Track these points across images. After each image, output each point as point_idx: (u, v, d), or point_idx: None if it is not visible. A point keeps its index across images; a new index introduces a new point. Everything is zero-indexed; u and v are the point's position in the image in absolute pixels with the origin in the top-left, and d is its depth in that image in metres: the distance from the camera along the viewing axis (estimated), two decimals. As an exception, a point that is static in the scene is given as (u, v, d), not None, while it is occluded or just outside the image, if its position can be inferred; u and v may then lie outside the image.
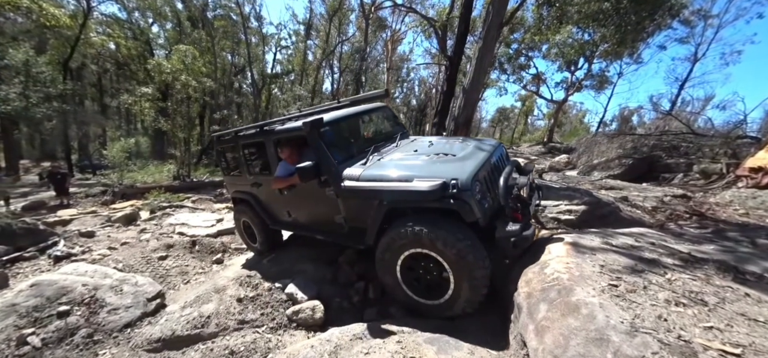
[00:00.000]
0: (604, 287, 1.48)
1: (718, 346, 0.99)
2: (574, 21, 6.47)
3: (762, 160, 5.52)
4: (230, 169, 3.96)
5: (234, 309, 2.81)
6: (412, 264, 2.27)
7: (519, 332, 1.63)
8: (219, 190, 10.17)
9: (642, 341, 1.06)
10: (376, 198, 2.37)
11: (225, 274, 3.82)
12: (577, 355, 1.18)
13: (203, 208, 7.91)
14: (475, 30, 9.81)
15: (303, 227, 3.27)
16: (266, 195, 3.47)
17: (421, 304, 2.31)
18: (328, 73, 18.47)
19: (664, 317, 1.20)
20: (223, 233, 5.43)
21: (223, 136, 3.88)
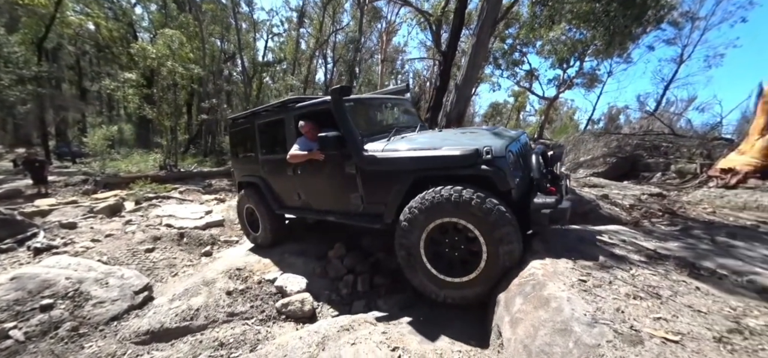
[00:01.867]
0: (573, 282, 1.60)
1: (662, 334, 1.11)
2: (567, 20, 6.59)
3: (732, 161, 5.86)
4: (241, 151, 3.96)
5: (223, 302, 2.85)
6: (438, 238, 2.09)
7: (496, 323, 1.75)
8: (208, 181, 10.01)
9: (599, 331, 1.18)
10: (401, 167, 2.28)
11: (214, 267, 3.83)
12: (544, 344, 1.29)
13: (191, 199, 7.79)
14: (471, 23, 9.82)
15: (313, 210, 3.17)
16: (277, 176, 3.41)
17: (444, 282, 2.09)
18: (322, 63, 18.22)
19: (622, 309, 1.32)
20: (212, 225, 5.40)
21: (237, 118, 3.95)
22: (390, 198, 2.34)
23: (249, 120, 3.69)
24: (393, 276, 3.22)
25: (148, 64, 10.10)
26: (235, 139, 4.10)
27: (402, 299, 2.76)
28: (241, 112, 4.62)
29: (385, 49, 15.93)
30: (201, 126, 13.72)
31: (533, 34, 9.78)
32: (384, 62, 15.43)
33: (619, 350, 1.08)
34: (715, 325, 1.18)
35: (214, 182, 10.12)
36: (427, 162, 2.19)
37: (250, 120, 3.65)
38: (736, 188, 5.26)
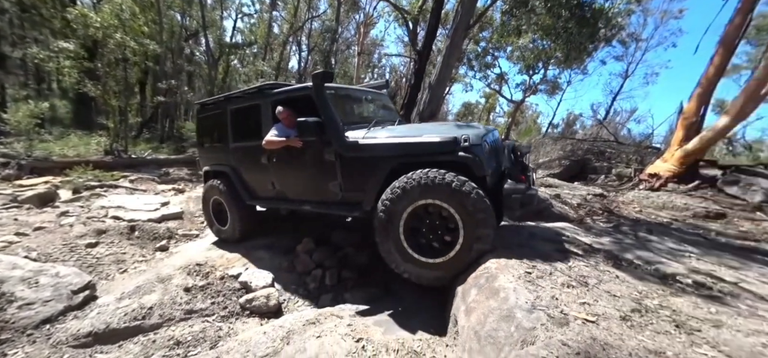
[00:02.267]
0: (521, 274, 1.79)
1: (584, 316, 1.32)
2: (532, 31, 7.08)
3: (657, 167, 6.82)
4: (210, 139, 3.79)
5: (181, 299, 2.70)
6: (416, 222, 2.15)
7: (453, 313, 1.90)
8: (164, 169, 9.18)
9: (536, 316, 1.35)
10: (382, 153, 2.35)
11: (171, 262, 3.59)
12: (491, 329, 1.45)
13: (144, 189, 7.11)
14: (447, 23, 10.08)
15: (288, 200, 3.10)
16: (250, 165, 3.28)
17: (421, 263, 2.14)
18: (296, 51, 17.38)
19: (556, 296, 1.52)
20: (168, 217, 5.01)
21: (207, 103, 3.80)
22: (369, 185, 2.37)
23: (220, 106, 3.53)
24: (361, 271, 3.29)
25: (91, 34, 8.86)
26: (203, 125, 3.88)
27: (369, 293, 2.84)
28: (206, 96, 4.34)
29: (362, 42, 15.72)
30: (157, 108, 12.43)
31: (504, 40, 10.33)
32: (361, 55, 15.22)
33: (549, 330, 1.25)
34: (624, 306, 1.42)
35: (172, 170, 9.31)
36: (407, 148, 2.28)
37: (222, 106, 3.50)
38: (659, 191, 6.15)
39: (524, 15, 6.38)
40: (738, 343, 1.15)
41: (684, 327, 1.26)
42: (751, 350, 1.11)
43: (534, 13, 6.08)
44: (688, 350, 1.11)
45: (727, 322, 1.34)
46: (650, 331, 1.23)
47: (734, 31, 6.12)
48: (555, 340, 1.19)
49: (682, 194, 5.91)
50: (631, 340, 1.16)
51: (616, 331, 1.23)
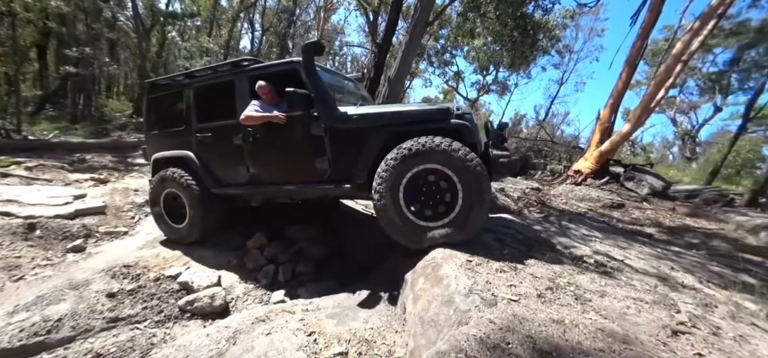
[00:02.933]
0: (463, 262, 1.98)
1: (509, 296, 1.54)
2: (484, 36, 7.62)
3: (580, 165, 8.05)
4: (163, 124, 3.39)
5: (102, 306, 2.36)
6: (413, 189, 2.17)
7: (403, 301, 2.02)
8: (79, 155, 7.68)
9: (471, 299, 1.53)
10: (377, 123, 2.37)
11: (89, 264, 3.10)
12: (434, 314, 1.59)
13: (49, 178, 5.89)
14: (408, 17, 10.21)
15: (266, 183, 2.86)
16: (219, 149, 2.99)
17: (423, 228, 2.16)
18: (247, 29, 15.75)
19: (490, 281, 1.74)
20: (85, 212, 4.26)
21: (161, 82, 3.40)
22: (362, 158, 2.37)
23: (179, 84, 3.20)
24: (317, 264, 3.26)
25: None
26: (154, 108, 3.46)
27: (324, 286, 2.85)
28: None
29: (323, 27, 15.00)
30: (65, 80, 10.20)
31: (460, 40, 10.91)
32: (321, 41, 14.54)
33: (481, 311, 1.43)
34: (541, 286, 1.69)
35: (89, 156, 7.84)
36: (402, 117, 2.37)
37: (182, 84, 3.18)
38: (581, 185, 7.28)
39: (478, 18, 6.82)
40: (613, 307, 1.48)
41: (581, 299, 1.56)
42: (620, 312, 1.44)
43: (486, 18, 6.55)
44: (580, 316, 1.38)
45: (609, 292, 1.69)
46: (557, 305, 1.50)
47: (636, 54, 7.44)
48: (484, 319, 1.37)
49: (596, 188, 7.09)
50: (542, 313, 1.40)
51: (533, 307, 1.46)
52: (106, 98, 13.19)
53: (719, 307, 1.63)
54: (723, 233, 5.17)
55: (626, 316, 1.41)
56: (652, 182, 7.42)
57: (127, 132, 10.10)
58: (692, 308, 1.54)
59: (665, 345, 1.20)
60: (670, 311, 1.46)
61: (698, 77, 15.39)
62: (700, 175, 12.02)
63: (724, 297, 2.08)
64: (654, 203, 6.76)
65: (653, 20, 7.18)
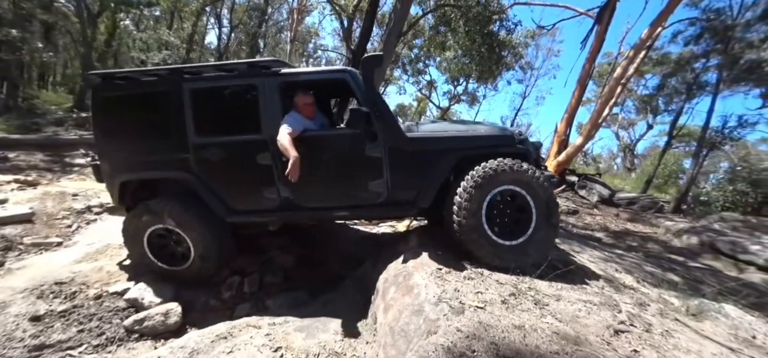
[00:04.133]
0: (433, 271, 2.03)
1: (476, 304, 1.61)
2: (454, 49, 8.03)
3: (540, 174, 8.75)
4: (132, 133, 2.54)
5: (24, 333, 2.04)
6: (492, 210, 2.20)
7: (374, 311, 2.01)
8: (1, 153, 6.58)
9: (440, 308, 1.57)
10: (449, 146, 2.33)
11: (7, 283, 2.66)
12: (404, 323, 1.60)
13: (-43, 180, 4.95)
14: (383, 24, 10.39)
15: (305, 209, 2.46)
16: (234, 168, 2.45)
17: (505, 247, 2.17)
18: (214, 24, 14.82)
19: (458, 289, 1.80)
20: (5, 221, 3.64)
21: (120, 75, 2.50)
22: (430, 180, 2.32)
23: (163, 81, 2.47)
24: (286, 274, 3.12)
25: None
26: (113, 111, 2.54)
27: (294, 298, 2.73)
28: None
29: (296, 28, 14.64)
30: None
31: (433, 51, 11.36)
32: (294, 42, 14.12)
33: (449, 320, 1.47)
34: (505, 292, 1.79)
35: (13, 155, 6.76)
36: (474, 141, 2.40)
37: (167, 81, 2.46)
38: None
39: (449, 32, 7.18)
40: (567, 310, 1.61)
41: (539, 303, 1.68)
42: (572, 315, 1.57)
43: (456, 33, 6.91)
44: (539, 321, 1.49)
45: (564, 295, 1.84)
46: (519, 310, 1.59)
47: (585, 75, 8.34)
48: (452, 327, 1.41)
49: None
50: (505, 319, 1.48)
51: (497, 313, 1.54)
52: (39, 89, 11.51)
53: (651, 305, 1.86)
54: (655, 236, 5.95)
55: (578, 318, 1.54)
56: (600, 190, 8.30)
57: (66, 128, 8.89)
58: (630, 307, 1.73)
59: (609, 344, 1.34)
60: (613, 312, 1.63)
61: (634, 98, 17.66)
62: (638, 184, 13.72)
63: (656, 295, 2.37)
64: (602, 209, 7.55)
65: (599, 46, 8.12)
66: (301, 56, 17.51)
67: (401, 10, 5.76)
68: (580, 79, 8.40)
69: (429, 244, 2.56)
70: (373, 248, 3.35)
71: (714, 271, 4.09)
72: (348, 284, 2.74)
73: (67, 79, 13.20)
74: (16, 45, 8.40)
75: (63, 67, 13.82)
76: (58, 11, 10.17)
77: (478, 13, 5.99)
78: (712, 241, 5.12)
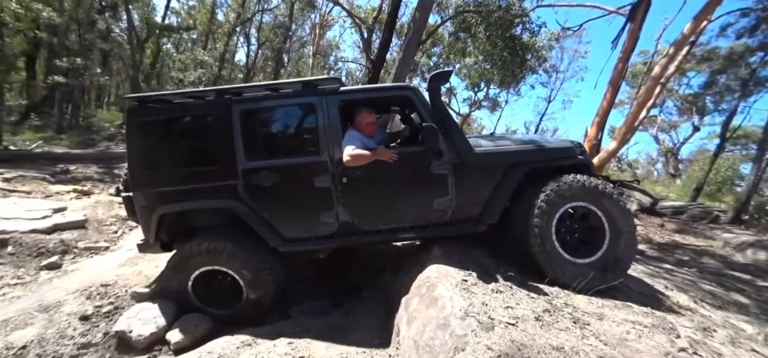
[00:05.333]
0: (458, 282, 1.93)
1: (507, 319, 1.49)
2: (475, 55, 7.90)
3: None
4: (173, 161, 2.34)
5: (73, 331, 2.20)
6: (561, 225, 2.18)
7: (397, 323, 1.94)
8: (62, 166, 7.42)
9: (468, 323, 1.47)
10: (517, 160, 2.31)
11: (63, 284, 2.92)
12: (429, 338, 1.52)
13: (28, 190, 5.64)
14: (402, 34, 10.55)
15: (365, 232, 2.34)
16: (286, 196, 2.27)
17: (579, 266, 2.11)
18: (243, 43, 15.95)
19: (486, 302, 1.69)
20: (64, 226, 4.06)
21: (155, 99, 2.31)
22: (497, 196, 2.28)
23: (207, 104, 2.31)
24: (308, 283, 3.14)
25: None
26: (151, 137, 2.31)
27: (316, 306, 2.73)
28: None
29: (318, 43, 15.29)
30: (52, 90, 9.99)
31: (452, 58, 11.29)
32: (316, 56, 14.75)
33: (477, 336, 1.38)
34: (538, 307, 1.65)
35: (73, 167, 7.59)
36: (539, 155, 2.39)
37: (211, 104, 2.30)
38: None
39: (469, 38, 7.08)
40: (613, 332, 1.45)
41: (579, 322, 1.53)
42: (619, 337, 1.41)
43: (476, 39, 6.80)
44: (580, 342, 1.34)
45: (607, 313, 1.66)
46: (555, 329, 1.46)
47: (618, 76, 7.78)
48: (482, 345, 1.31)
49: (586, 204, 7.21)
50: (541, 339, 1.36)
51: (531, 331, 1.42)
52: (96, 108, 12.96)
53: (718, 331, 1.62)
54: (711, 249, 5.28)
55: (627, 341, 1.37)
56: (640, 198, 7.59)
57: (116, 142, 9.88)
58: (691, 332, 1.52)
59: (667, 373, 1.17)
60: (670, 336, 1.44)
61: (676, 98, 16.19)
62: (685, 191, 12.40)
63: (721, 319, 2.07)
64: (643, 219, 6.89)
65: (632, 45, 7.57)
66: (323, 69, 18.20)
67: (420, 19, 5.81)
68: (612, 80, 7.85)
69: (453, 253, 2.46)
70: (393, 257, 3.29)
71: (790, 292, 3.52)
72: (369, 294, 2.70)
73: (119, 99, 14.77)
74: (80, 71, 9.57)
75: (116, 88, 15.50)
76: (113, 40, 11.47)
77: (499, 18, 5.86)
78: (784, 257, 4.44)
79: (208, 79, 11.40)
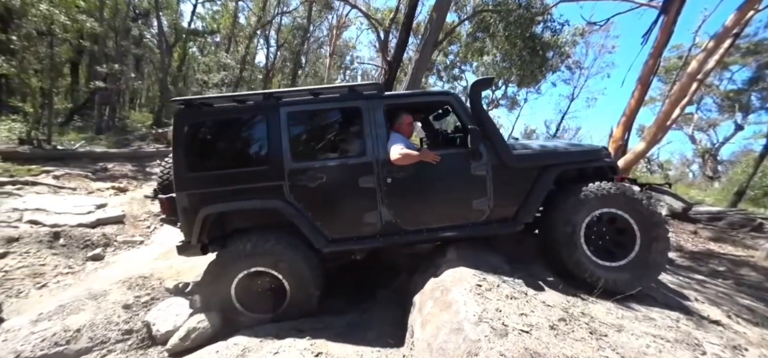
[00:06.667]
0: (472, 287, 1.95)
1: (521, 326, 1.50)
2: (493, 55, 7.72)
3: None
4: (219, 162, 2.36)
5: (118, 317, 2.43)
6: (590, 230, 2.28)
7: (411, 324, 2.00)
8: (102, 164, 8.07)
9: (481, 328, 1.50)
10: (552, 161, 2.45)
11: (107, 274, 3.22)
12: (442, 341, 1.56)
13: (74, 187, 6.20)
14: (419, 33, 10.51)
15: (407, 232, 2.41)
16: (332, 196, 2.32)
17: (606, 269, 2.19)
18: (263, 45, 16.53)
19: (500, 309, 1.70)
20: (105, 221, 4.45)
21: (206, 102, 2.37)
22: (532, 196, 2.39)
23: (255, 107, 2.38)
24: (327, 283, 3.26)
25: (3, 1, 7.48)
26: (199, 139, 2.36)
27: (334, 306, 2.83)
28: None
29: (335, 43, 15.54)
30: (93, 94, 10.87)
31: (470, 57, 11.09)
32: (333, 56, 15.02)
33: (491, 342, 1.40)
34: (553, 316, 1.65)
35: (111, 165, 8.23)
36: (571, 157, 2.53)
37: (259, 107, 2.37)
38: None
39: (487, 37, 6.94)
40: (631, 345, 1.42)
41: (596, 333, 1.51)
42: (638, 351, 1.38)
43: (495, 38, 6.65)
44: (595, 354, 1.34)
45: (627, 326, 1.63)
46: (570, 339, 1.45)
47: (648, 72, 7.31)
48: (495, 351, 1.34)
49: (610, 207, 6.87)
50: (555, 348, 1.36)
51: (545, 340, 1.42)
52: (129, 110, 13.92)
53: (750, 350, 1.54)
54: (752, 260, 4.89)
55: (646, 356, 1.35)
56: (671, 203, 7.14)
57: (147, 142, 10.58)
58: (719, 349, 1.46)
59: (688, 390, 1.15)
60: (694, 353, 1.39)
61: (715, 95, 14.96)
62: (724, 195, 11.49)
63: (757, 336, 1.95)
64: (674, 225, 6.48)
65: (665, 39, 7.09)
66: (339, 69, 18.46)
67: (437, 19, 5.77)
68: (642, 77, 7.39)
69: (468, 257, 2.47)
70: (409, 258, 3.33)
71: (842, 309, 3.21)
72: (385, 294, 2.76)
73: (149, 100, 15.80)
74: (117, 76, 10.33)
75: (147, 91, 16.58)
76: (145, 45, 12.27)
77: (519, 17, 5.69)
78: (837, 270, 4.04)
79: (231, 82, 11.93)
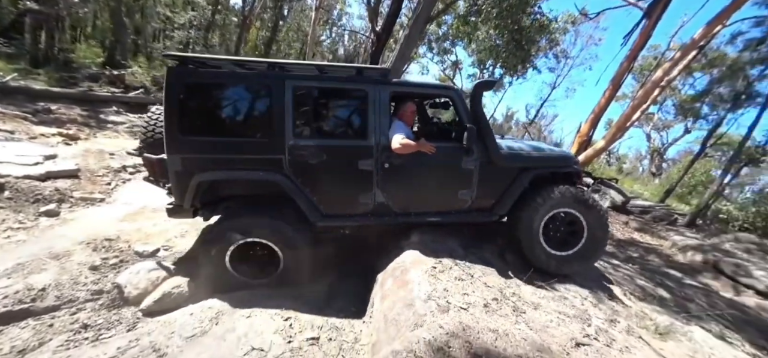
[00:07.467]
0: (428, 268, 2.25)
1: (461, 304, 1.83)
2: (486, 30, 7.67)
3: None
4: (216, 129, 2.31)
5: (86, 279, 2.46)
6: (550, 224, 2.69)
7: (372, 298, 2.29)
8: (43, 104, 7.13)
9: (429, 304, 1.81)
10: (530, 164, 2.74)
11: (65, 232, 3.12)
12: (396, 314, 1.86)
13: (10, 130, 5.52)
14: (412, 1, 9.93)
15: (396, 214, 2.60)
16: (331, 174, 2.40)
17: (556, 256, 2.67)
18: (239, -15, 14.48)
19: (447, 288, 2.02)
20: (57, 175, 4.14)
21: (210, 63, 2.31)
22: (510, 192, 2.69)
23: (262, 76, 2.33)
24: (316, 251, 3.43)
25: None
26: (196, 102, 2.24)
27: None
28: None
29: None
30: (23, 16, 9.15)
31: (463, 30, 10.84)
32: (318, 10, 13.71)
33: (434, 316, 1.71)
34: (489, 296, 2.00)
35: (56, 107, 7.32)
36: (547, 161, 2.87)
37: (267, 77, 2.30)
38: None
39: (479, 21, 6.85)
40: (541, 320, 1.82)
41: (518, 310, 1.89)
42: (544, 324, 1.78)
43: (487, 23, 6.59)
44: (512, 326, 1.70)
45: (543, 304, 2.04)
46: (497, 315, 1.81)
47: (622, 73, 7.80)
48: (436, 324, 1.65)
49: (563, 196, 7.68)
50: (483, 322, 1.70)
51: (477, 315, 1.76)
52: (72, 41, 11.98)
53: (621, 321, 2.03)
54: (660, 249, 5.92)
55: (548, 328, 1.75)
56: (614, 196, 8.13)
57: (99, 84, 9.40)
58: (601, 322, 1.91)
59: (568, 355, 1.55)
60: (583, 325, 1.82)
61: (677, 98, 16.32)
62: (659, 191, 13.19)
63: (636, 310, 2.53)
64: (613, 216, 7.47)
65: (642, 43, 7.49)
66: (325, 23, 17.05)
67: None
68: (615, 78, 7.86)
69: (429, 241, 2.78)
70: (376, 236, 3.60)
71: (708, 291, 4.15)
72: (352, 269, 3.03)
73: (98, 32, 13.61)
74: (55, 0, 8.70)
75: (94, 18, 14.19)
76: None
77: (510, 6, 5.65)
78: (716, 260, 5.08)
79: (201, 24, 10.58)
